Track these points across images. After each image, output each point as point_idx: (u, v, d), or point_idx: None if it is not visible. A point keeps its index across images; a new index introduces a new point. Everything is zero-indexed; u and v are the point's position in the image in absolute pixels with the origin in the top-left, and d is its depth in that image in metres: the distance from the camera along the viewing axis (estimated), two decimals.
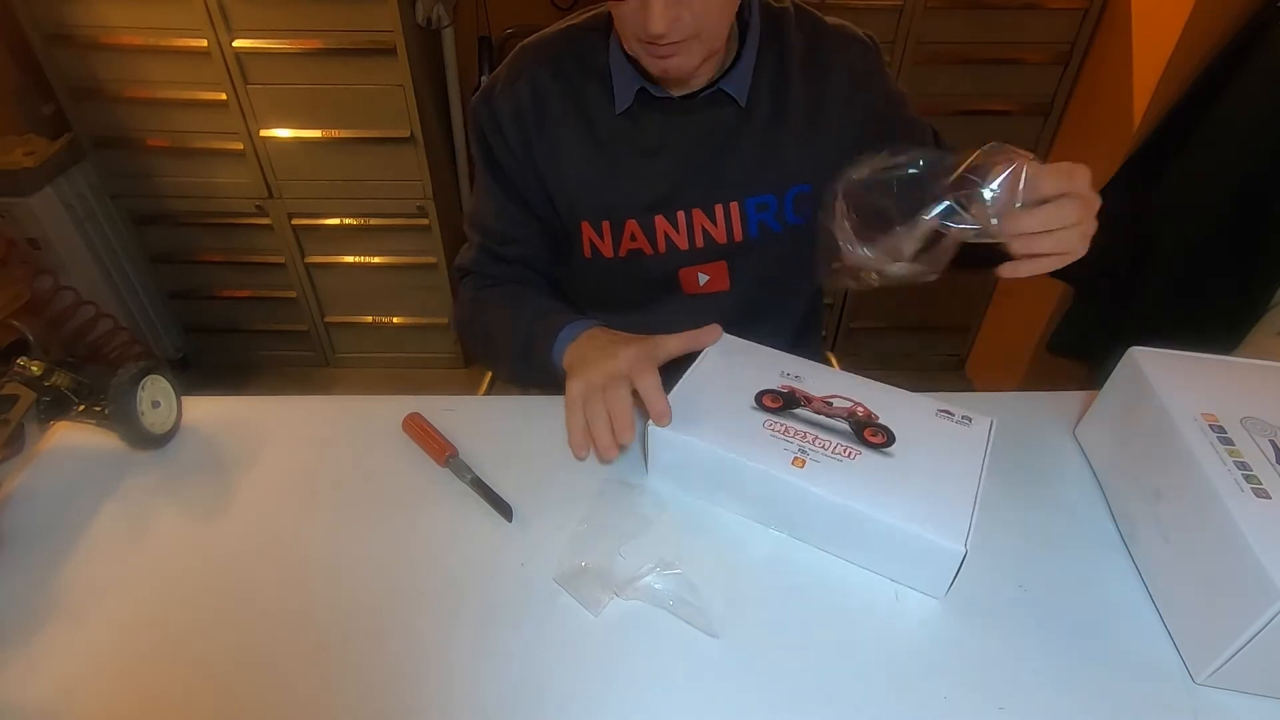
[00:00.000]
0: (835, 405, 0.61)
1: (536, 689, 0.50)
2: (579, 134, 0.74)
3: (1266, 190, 1.14)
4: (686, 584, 0.55)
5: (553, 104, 0.74)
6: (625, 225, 0.77)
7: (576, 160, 0.75)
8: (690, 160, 0.75)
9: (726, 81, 0.71)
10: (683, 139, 0.74)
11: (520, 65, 0.75)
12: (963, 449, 0.58)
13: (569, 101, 0.74)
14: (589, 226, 0.78)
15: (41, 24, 1.47)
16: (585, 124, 0.74)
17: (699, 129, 0.74)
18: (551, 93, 0.74)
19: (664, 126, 0.74)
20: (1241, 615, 0.45)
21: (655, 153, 0.74)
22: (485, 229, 0.82)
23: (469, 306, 0.82)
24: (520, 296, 0.80)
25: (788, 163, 0.75)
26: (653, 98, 0.72)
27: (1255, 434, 0.53)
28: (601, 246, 0.79)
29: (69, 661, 0.52)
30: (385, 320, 1.95)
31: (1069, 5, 1.45)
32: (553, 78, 0.74)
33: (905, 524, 0.52)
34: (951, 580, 0.53)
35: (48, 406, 0.65)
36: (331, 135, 1.61)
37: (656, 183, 0.75)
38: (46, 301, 1.56)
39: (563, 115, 0.74)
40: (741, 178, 0.75)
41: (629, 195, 0.76)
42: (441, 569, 0.57)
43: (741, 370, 0.65)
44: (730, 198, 0.76)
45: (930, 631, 0.53)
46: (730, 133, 0.74)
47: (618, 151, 0.75)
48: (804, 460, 0.56)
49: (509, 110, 0.74)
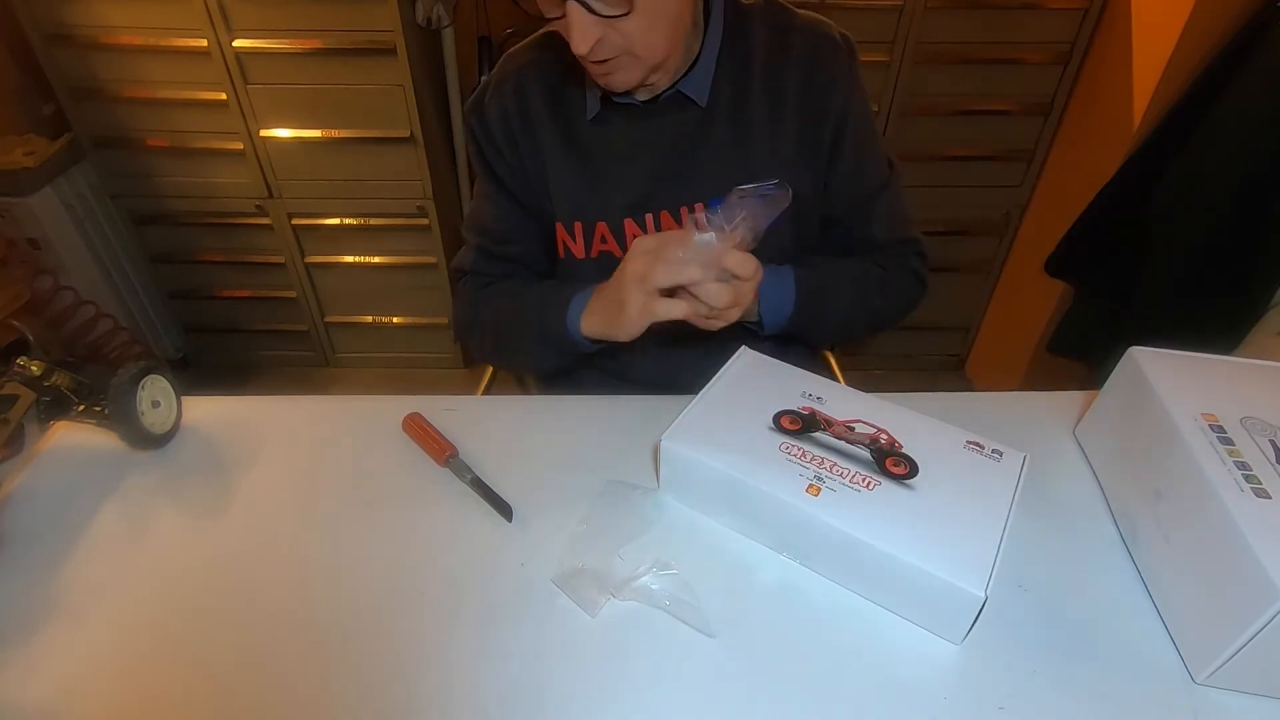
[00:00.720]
0: (857, 431, 0.59)
1: (536, 689, 0.50)
2: (556, 137, 0.75)
3: (1266, 190, 1.14)
4: (683, 584, 0.55)
5: (535, 108, 0.75)
6: (596, 227, 0.78)
7: (553, 163, 0.76)
8: (657, 163, 0.75)
9: (685, 83, 0.71)
10: (649, 142, 0.74)
11: (506, 71, 0.76)
12: (990, 485, 0.55)
13: (550, 106, 0.75)
14: (562, 228, 0.79)
15: (41, 24, 1.47)
16: (563, 127, 0.75)
17: (664, 132, 0.74)
18: (534, 97, 0.75)
19: (631, 131, 0.74)
20: (1241, 615, 0.45)
21: (625, 157, 0.75)
22: (483, 230, 0.83)
23: (470, 307, 0.83)
24: (522, 287, 0.80)
25: (752, 162, 0.74)
26: (615, 104, 0.72)
27: (1255, 434, 0.53)
28: (574, 248, 0.79)
29: (69, 661, 0.52)
30: (385, 320, 1.95)
31: (1069, 5, 1.45)
32: (535, 81, 0.75)
33: (922, 563, 0.49)
34: (970, 626, 0.50)
35: (48, 406, 0.65)
36: (331, 135, 1.61)
37: (626, 187, 0.76)
38: (46, 301, 1.56)
39: (544, 119, 0.75)
40: (708, 179, 0.74)
41: (599, 198, 0.76)
42: (441, 569, 0.57)
43: (762, 388, 0.64)
44: (697, 199, 0.75)
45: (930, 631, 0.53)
46: (694, 134, 0.74)
47: (590, 156, 0.75)
48: (819, 488, 0.54)
49: (497, 116, 0.76)
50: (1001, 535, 0.51)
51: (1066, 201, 1.48)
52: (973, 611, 0.49)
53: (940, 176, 1.67)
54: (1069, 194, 1.50)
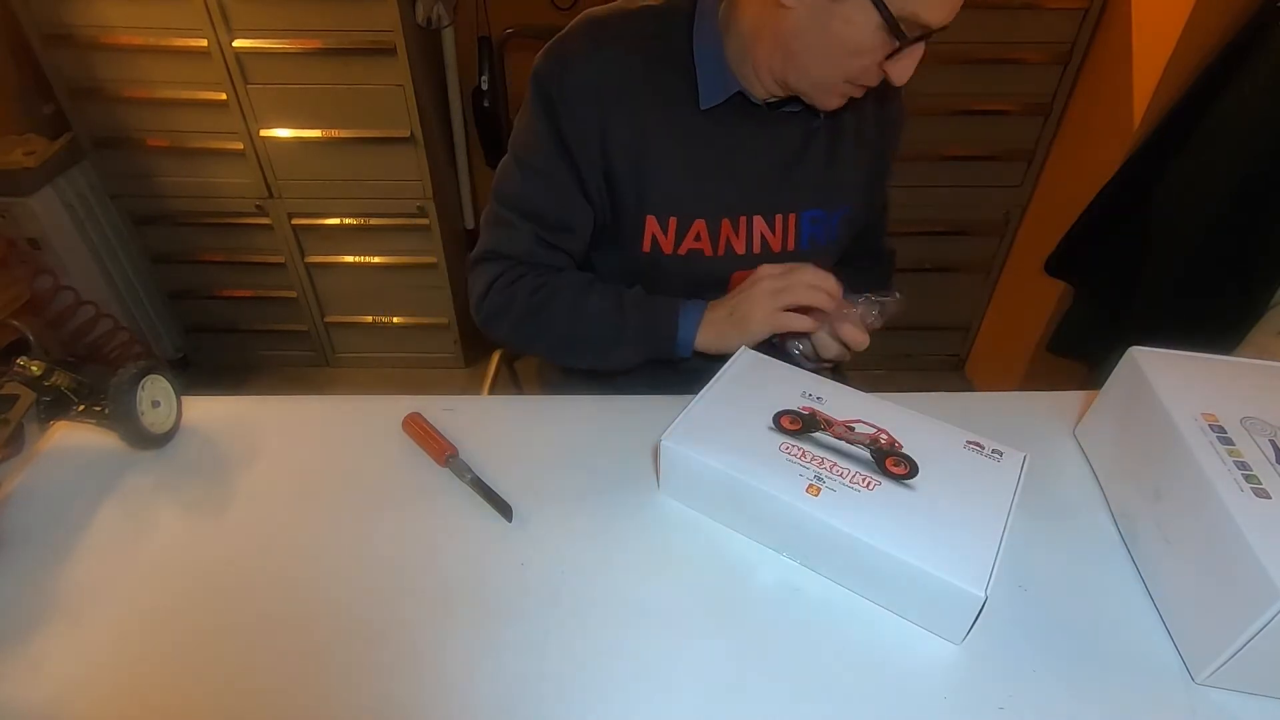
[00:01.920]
0: (857, 431, 0.59)
1: (536, 689, 0.50)
2: (660, 123, 0.70)
3: (1266, 190, 1.14)
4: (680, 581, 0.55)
5: (635, 85, 0.69)
6: (692, 225, 0.75)
7: (654, 150, 0.71)
8: (765, 169, 0.75)
9: None
10: (761, 146, 0.74)
11: (600, 36, 0.69)
12: (990, 485, 0.55)
13: (652, 86, 0.70)
14: (654, 220, 0.74)
15: (41, 24, 1.47)
16: (667, 114, 0.70)
17: (777, 138, 0.74)
18: (635, 73, 0.69)
19: (746, 131, 0.73)
20: (1241, 615, 0.45)
21: (734, 157, 0.73)
22: (537, 216, 0.75)
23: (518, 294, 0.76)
24: (599, 285, 0.77)
25: (842, 180, 0.77)
26: (742, 101, 0.71)
27: (1255, 434, 0.53)
28: (664, 242, 0.76)
29: (69, 661, 0.52)
30: (385, 320, 1.95)
31: (1069, 5, 1.45)
32: (637, 57, 0.69)
33: (921, 563, 0.49)
34: (970, 626, 0.50)
35: (48, 406, 0.65)
36: (331, 135, 1.61)
37: (731, 187, 0.74)
38: (46, 301, 1.56)
39: (645, 99, 0.70)
40: (805, 190, 0.76)
41: (702, 196, 0.74)
42: (441, 569, 0.57)
43: (762, 388, 0.64)
44: (791, 209, 0.76)
45: (930, 631, 0.53)
46: (800, 146, 0.75)
47: (697, 149, 0.72)
48: (819, 488, 0.54)
49: (588, 83, 0.68)
50: (1001, 535, 0.51)
51: (1066, 201, 1.48)
52: (973, 611, 0.49)
53: (940, 176, 1.67)
54: (1069, 194, 1.49)
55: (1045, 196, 1.67)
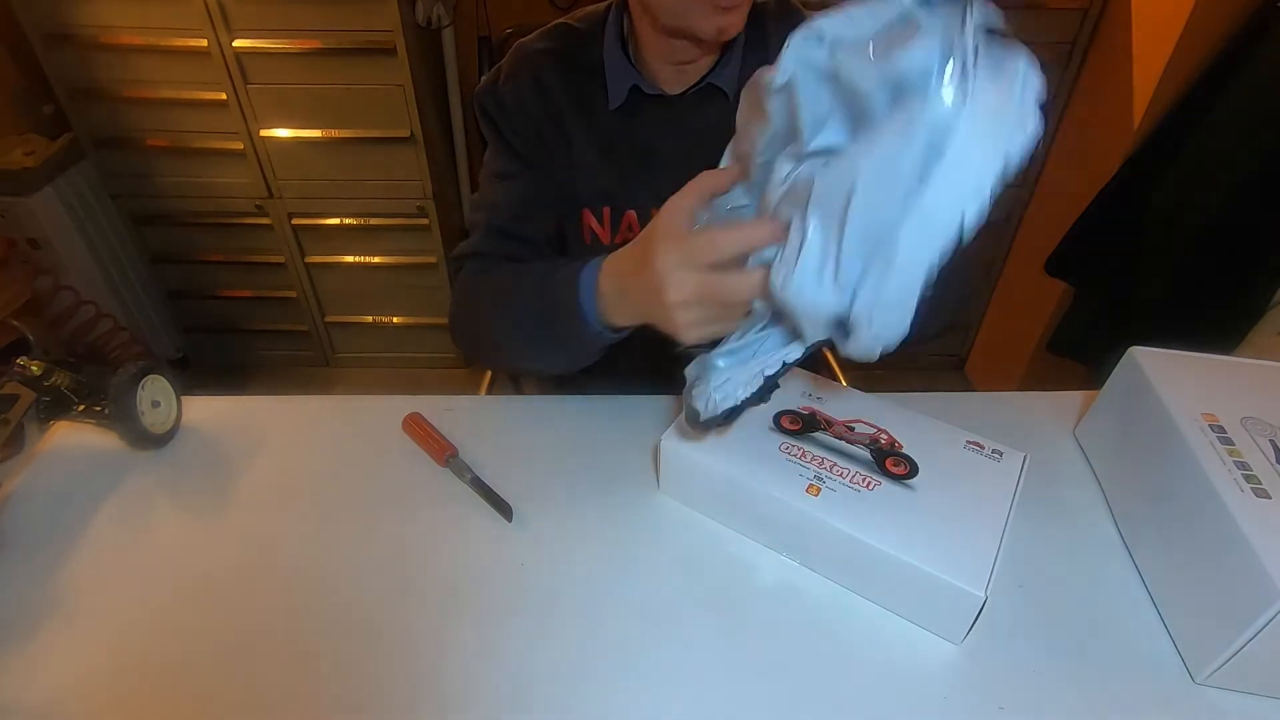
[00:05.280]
0: (857, 431, 0.59)
1: (536, 689, 0.50)
2: (583, 126, 0.75)
3: (1266, 190, 1.14)
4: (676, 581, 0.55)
5: (556, 96, 0.75)
6: (624, 216, 0.78)
7: (580, 151, 0.76)
8: (685, 158, 0.74)
9: (716, 76, 0.72)
10: (677, 137, 0.74)
11: (521, 60, 0.76)
12: (990, 485, 0.55)
13: (571, 96, 0.75)
14: (590, 214, 0.79)
15: (41, 24, 1.47)
16: (588, 118, 0.75)
17: (692, 127, 0.74)
18: (554, 86, 0.74)
19: (658, 124, 0.74)
20: (1241, 615, 0.45)
21: (652, 150, 0.75)
22: (494, 205, 0.78)
23: (467, 289, 0.74)
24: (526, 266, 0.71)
25: None
26: (645, 95, 0.73)
27: (1255, 434, 0.53)
28: (601, 234, 0.79)
29: (69, 661, 0.52)
30: (385, 320, 1.95)
31: (1069, 5, 1.45)
32: (552, 72, 0.74)
33: (921, 563, 0.49)
34: (970, 626, 0.50)
35: (48, 406, 0.65)
36: (331, 135, 1.61)
37: (653, 180, 0.75)
38: (46, 301, 1.55)
39: (568, 107, 0.75)
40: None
41: (628, 188, 0.77)
42: (441, 569, 0.57)
43: None
44: None
45: (930, 631, 0.53)
46: (722, 128, 0.74)
47: (618, 145, 0.75)
48: (819, 488, 0.54)
49: (516, 102, 0.75)
50: (1001, 535, 0.51)
51: (1066, 201, 1.48)
52: (973, 611, 0.49)
53: None
54: (1069, 194, 1.50)
55: (1045, 196, 1.67)
